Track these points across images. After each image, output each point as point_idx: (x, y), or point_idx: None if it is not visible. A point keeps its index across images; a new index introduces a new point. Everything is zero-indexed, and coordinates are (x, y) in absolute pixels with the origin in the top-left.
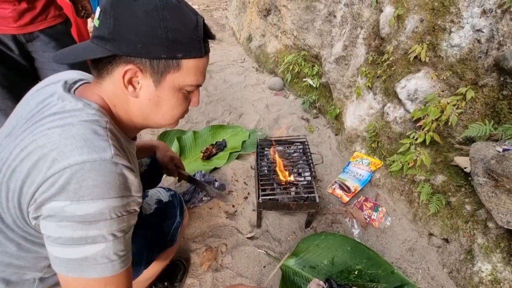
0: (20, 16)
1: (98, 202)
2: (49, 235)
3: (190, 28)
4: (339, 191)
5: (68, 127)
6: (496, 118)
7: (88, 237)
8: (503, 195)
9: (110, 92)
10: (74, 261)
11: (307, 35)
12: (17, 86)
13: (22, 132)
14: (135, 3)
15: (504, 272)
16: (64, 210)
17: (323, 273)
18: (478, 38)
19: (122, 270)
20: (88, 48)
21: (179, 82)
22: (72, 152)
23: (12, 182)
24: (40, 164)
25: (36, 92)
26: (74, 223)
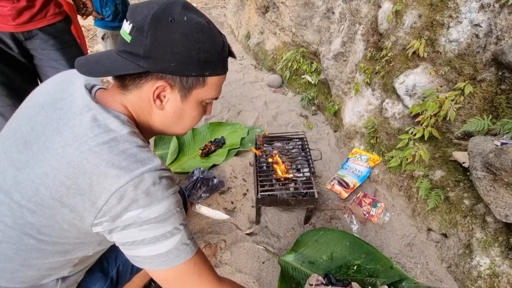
0: (19, 14)
1: (164, 202)
2: (134, 240)
3: (218, 49)
4: (338, 187)
5: (113, 143)
6: (495, 113)
7: (167, 232)
8: (501, 188)
9: (135, 104)
10: (162, 255)
11: (305, 32)
12: (15, 84)
13: (56, 145)
14: (172, 24)
15: (503, 266)
16: (140, 216)
17: (322, 269)
18: (476, 33)
19: (197, 249)
20: (119, 63)
21: (203, 96)
22: (129, 166)
23: (69, 198)
24: (101, 181)
25: (51, 95)
26: (152, 224)
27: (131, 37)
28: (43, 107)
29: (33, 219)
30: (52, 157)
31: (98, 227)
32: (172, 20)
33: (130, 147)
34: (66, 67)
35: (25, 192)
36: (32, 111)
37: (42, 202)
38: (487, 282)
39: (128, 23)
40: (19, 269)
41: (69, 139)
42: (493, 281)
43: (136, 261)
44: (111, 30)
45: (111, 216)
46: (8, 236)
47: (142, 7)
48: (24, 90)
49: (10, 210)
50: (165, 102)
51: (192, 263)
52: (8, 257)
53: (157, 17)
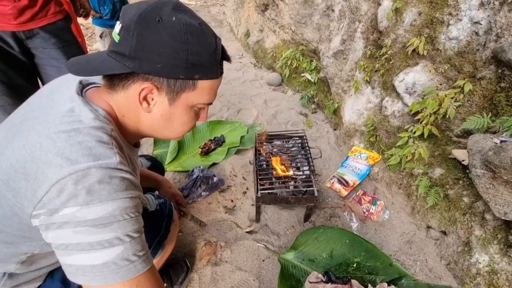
0: (20, 13)
1: (107, 204)
2: (67, 244)
3: (209, 52)
4: (338, 185)
5: (74, 133)
6: (494, 111)
7: (104, 240)
8: (500, 186)
9: (121, 104)
10: (96, 267)
11: (305, 30)
12: (16, 83)
13: (29, 128)
14: (160, 24)
15: (501, 263)
16: (76, 215)
17: (322, 266)
18: (476, 31)
19: (145, 270)
20: (106, 62)
21: (193, 100)
22: (78, 159)
23: (15, 182)
24: (45, 169)
25: (52, 87)
26: (88, 227)
27: (119, 37)
28: (42, 96)
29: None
30: (17, 140)
31: (36, 220)
32: (159, 20)
33: (89, 140)
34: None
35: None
36: (32, 100)
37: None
38: (486, 279)
39: (119, 23)
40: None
41: (38, 124)
42: (491, 278)
43: (69, 272)
44: (109, 28)
45: (49, 209)
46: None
47: (132, 7)
48: (24, 89)
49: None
50: (152, 105)
51: (134, 284)
52: None
53: (144, 17)
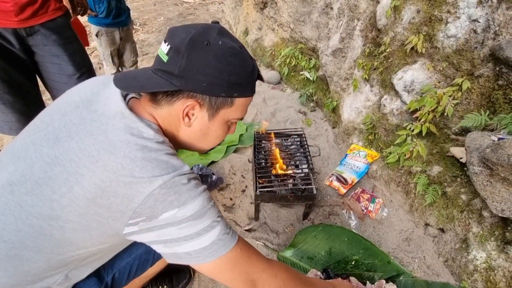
0: (22, 10)
1: (197, 199)
2: (176, 238)
3: (248, 72)
4: (336, 183)
5: (146, 150)
6: (492, 108)
7: (207, 226)
8: (498, 183)
9: (164, 118)
10: (207, 248)
11: (304, 28)
12: (16, 81)
13: (90, 147)
14: (207, 47)
15: (498, 259)
16: (177, 216)
17: (321, 264)
18: (474, 28)
19: (238, 236)
20: (153, 80)
21: (229, 116)
22: (161, 172)
23: (103, 199)
24: (134, 185)
25: (85, 95)
26: (190, 221)
27: (168, 57)
28: (78, 106)
29: (62, 212)
30: (86, 159)
31: (134, 227)
32: (207, 44)
33: (161, 154)
34: (68, 62)
35: (58, 188)
36: (67, 108)
37: (75, 200)
38: (483, 276)
39: (166, 44)
40: (31, 257)
41: (103, 143)
42: (489, 275)
43: (180, 258)
44: (105, 27)
45: (147, 216)
46: (29, 225)
47: (181, 31)
48: (25, 88)
49: (37, 200)
50: (193, 120)
51: (238, 248)
52: (24, 245)
53: (194, 40)
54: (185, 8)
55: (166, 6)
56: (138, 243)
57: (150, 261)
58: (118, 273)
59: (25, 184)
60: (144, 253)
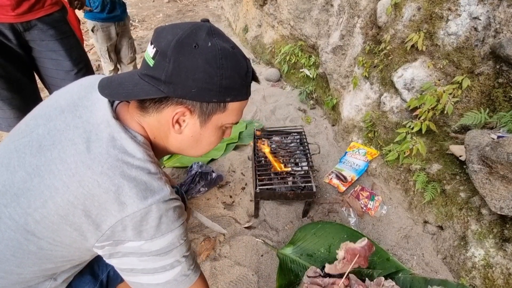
0: (18, 5)
1: (167, 235)
2: (133, 268)
3: (241, 75)
4: (336, 181)
5: (126, 167)
6: (492, 106)
7: (167, 264)
8: (497, 181)
9: (152, 126)
10: (160, 285)
11: (304, 25)
12: (13, 77)
13: (69, 157)
14: (196, 50)
15: (496, 257)
16: (141, 248)
17: (320, 261)
18: (475, 26)
19: (197, 278)
20: (140, 86)
21: (222, 121)
22: (138, 195)
23: (75, 217)
24: (108, 206)
25: (71, 98)
26: (152, 257)
27: (154, 61)
28: (64, 111)
29: (36, 229)
30: (64, 171)
31: (99, 250)
32: (196, 46)
33: (142, 174)
34: (65, 57)
35: (33, 201)
36: (52, 113)
37: (48, 216)
38: (481, 273)
39: (152, 47)
40: (14, 270)
41: (83, 155)
42: (487, 272)
43: (134, 285)
44: (101, 22)
45: (114, 241)
46: (8, 238)
47: (167, 32)
48: (22, 84)
49: (15, 213)
50: (183, 127)
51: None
52: (5, 257)
53: (181, 43)
54: (184, 4)
55: (165, 2)
56: None
57: None
58: (113, 271)
59: (5, 195)
60: None
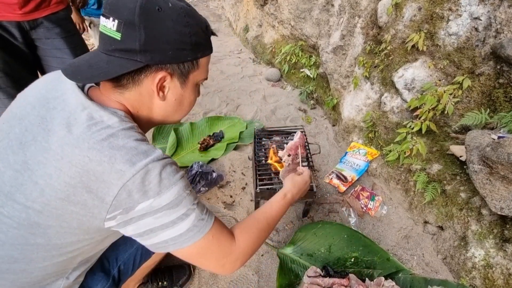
0: (25, 3)
1: (172, 189)
2: (152, 228)
3: (204, 29)
4: (336, 181)
5: (112, 139)
6: (492, 107)
7: (182, 214)
8: (497, 181)
9: (133, 100)
10: (183, 234)
11: (304, 25)
12: (19, 74)
13: (54, 144)
14: (161, 13)
15: (497, 257)
16: (152, 206)
17: (320, 261)
18: (476, 26)
19: (213, 221)
20: (115, 63)
21: (197, 78)
22: (132, 159)
23: (77, 196)
24: (106, 177)
25: (40, 94)
26: (166, 211)
27: (120, 33)
28: (35, 107)
29: (40, 219)
30: (52, 158)
31: (112, 221)
32: (159, 9)
33: (129, 141)
34: (70, 55)
35: (29, 194)
36: (23, 111)
37: (49, 203)
38: (481, 273)
39: (112, 19)
40: (25, 268)
41: (66, 138)
42: (487, 272)
43: (158, 248)
44: (96, 17)
45: (124, 209)
46: (12, 237)
47: (123, 1)
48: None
49: (13, 210)
50: (166, 92)
51: (211, 235)
52: (12, 258)
53: (144, 8)
54: None
55: None
56: None
57: None
58: (123, 265)
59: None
60: None
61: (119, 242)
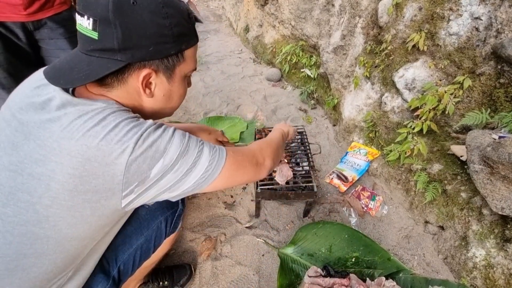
0: (30, 4)
1: (174, 139)
2: (177, 180)
3: (185, 18)
4: (337, 181)
5: (104, 122)
6: (493, 107)
7: (196, 154)
8: (498, 181)
9: (122, 97)
10: (204, 173)
11: (305, 25)
12: (23, 75)
13: (49, 140)
14: (136, 6)
15: (498, 257)
16: (165, 165)
17: (321, 261)
18: (477, 26)
19: (225, 148)
20: (95, 64)
21: (185, 71)
22: (127, 134)
23: (85, 185)
24: (108, 159)
25: (30, 95)
26: (180, 161)
27: (97, 32)
28: (22, 107)
29: (49, 212)
30: (50, 153)
31: (131, 195)
32: (134, 2)
33: (121, 121)
34: None
35: (34, 191)
36: (11, 113)
37: (57, 196)
38: (482, 273)
39: (86, 17)
40: (34, 263)
41: (60, 132)
42: (488, 272)
43: (188, 192)
44: None
45: (139, 181)
46: (19, 235)
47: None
48: None
49: (18, 209)
50: (153, 89)
51: (231, 152)
52: (22, 254)
53: (117, 3)
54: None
55: None
56: (136, 233)
57: (151, 249)
58: (123, 265)
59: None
60: (144, 242)
61: (118, 243)
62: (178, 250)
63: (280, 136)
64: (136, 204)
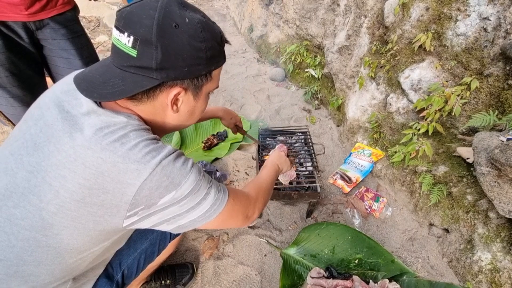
0: (31, 4)
1: (189, 177)
2: (179, 213)
3: (218, 42)
4: (340, 182)
5: (124, 139)
6: (501, 108)
7: (203, 195)
8: (505, 184)
9: (147, 112)
10: (208, 210)
11: (309, 25)
12: (25, 74)
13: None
14: (177, 30)
15: (504, 261)
16: (175, 197)
17: (324, 262)
18: (485, 27)
19: (229, 191)
20: (130, 80)
21: (209, 89)
22: (146, 158)
23: (93, 197)
24: (121, 177)
25: (60, 95)
26: (190, 197)
27: (136, 50)
28: (49, 107)
29: (54, 220)
30: (65, 159)
31: (133, 217)
32: (176, 26)
33: (140, 140)
34: (76, 56)
35: (43, 195)
36: (39, 112)
37: (64, 204)
38: (488, 277)
39: (126, 35)
40: (33, 271)
41: (79, 139)
42: (494, 276)
43: (184, 228)
44: None
45: (146, 205)
46: (23, 239)
47: (138, 16)
48: (33, 81)
49: (26, 212)
50: (180, 105)
51: (231, 199)
52: (22, 260)
53: (162, 26)
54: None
55: None
56: (141, 237)
57: (156, 253)
58: (127, 269)
59: (11, 197)
60: (149, 246)
61: (122, 247)
62: (181, 249)
63: (274, 176)
64: (136, 226)
